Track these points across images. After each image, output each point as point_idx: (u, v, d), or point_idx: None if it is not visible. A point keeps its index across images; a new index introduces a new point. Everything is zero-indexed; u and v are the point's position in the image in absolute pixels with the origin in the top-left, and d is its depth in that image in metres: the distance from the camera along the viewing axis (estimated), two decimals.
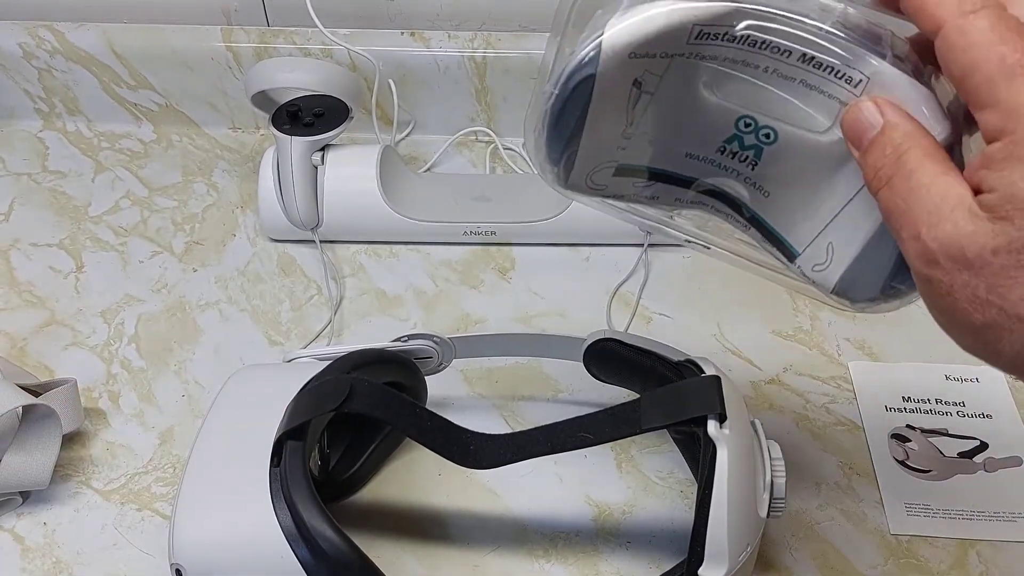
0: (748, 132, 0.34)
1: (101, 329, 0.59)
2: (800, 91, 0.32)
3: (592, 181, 0.37)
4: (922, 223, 0.27)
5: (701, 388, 0.41)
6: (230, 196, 0.70)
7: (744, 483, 0.40)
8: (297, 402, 0.43)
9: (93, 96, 0.74)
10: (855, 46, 0.30)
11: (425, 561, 0.47)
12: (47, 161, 0.73)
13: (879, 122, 0.30)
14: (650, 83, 0.33)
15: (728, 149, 0.35)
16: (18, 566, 0.47)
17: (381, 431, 0.50)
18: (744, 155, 0.35)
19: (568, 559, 0.47)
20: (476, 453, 0.43)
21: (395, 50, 0.70)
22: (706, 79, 0.33)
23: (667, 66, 0.32)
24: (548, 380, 0.56)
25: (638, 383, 0.49)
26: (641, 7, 0.31)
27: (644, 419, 0.41)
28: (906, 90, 0.30)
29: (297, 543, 0.39)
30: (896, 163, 0.29)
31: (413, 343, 0.49)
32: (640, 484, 0.50)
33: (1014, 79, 0.26)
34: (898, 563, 0.47)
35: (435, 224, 0.63)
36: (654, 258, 0.63)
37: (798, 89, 0.32)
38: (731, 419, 0.40)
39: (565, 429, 0.43)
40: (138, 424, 0.54)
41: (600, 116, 0.33)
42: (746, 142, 0.34)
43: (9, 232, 0.67)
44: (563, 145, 0.35)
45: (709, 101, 0.33)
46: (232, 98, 0.73)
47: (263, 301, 0.61)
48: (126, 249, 0.65)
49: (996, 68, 0.26)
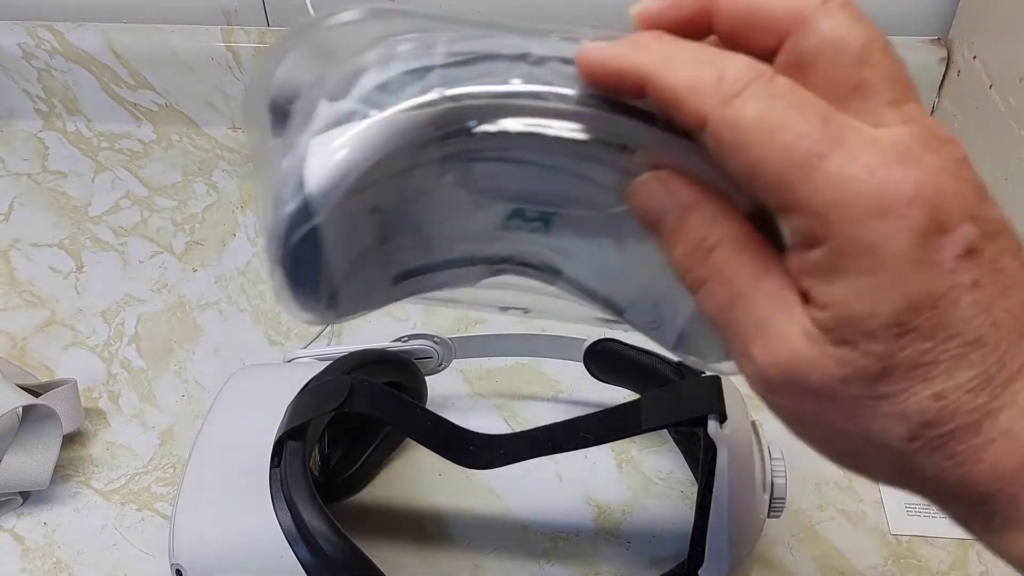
0: (520, 213, 0.27)
1: (101, 329, 0.59)
2: (570, 172, 0.25)
3: (370, 301, 0.30)
4: (752, 341, 0.22)
5: (701, 388, 0.41)
6: (230, 196, 0.69)
7: (744, 483, 0.40)
8: (297, 402, 0.43)
9: (93, 96, 0.74)
10: (617, 116, 0.23)
11: (425, 561, 0.47)
12: (47, 161, 0.73)
13: (670, 205, 0.23)
14: (389, 201, 0.26)
15: (511, 225, 0.28)
16: (18, 566, 0.47)
17: (381, 431, 0.50)
18: (532, 226, 0.28)
19: (568, 559, 0.47)
20: (476, 453, 0.43)
21: None
22: (453, 179, 0.26)
23: (403, 181, 0.25)
24: (548, 380, 0.56)
25: (638, 383, 0.49)
26: (341, 128, 0.24)
27: (644, 419, 0.41)
28: (687, 155, 0.23)
29: (297, 543, 0.39)
30: (706, 264, 0.23)
31: (413, 343, 0.49)
32: (640, 484, 0.50)
33: (810, 174, 0.20)
34: (898, 563, 0.47)
35: None
36: None
37: (567, 170, 0.25)
38: (731, 419, 0.40)
39: (565, 429, 0.43)
40: (138, 424, 0.54)
41: (345, 251, 0.26)
42: (528, 215, 0.28)
43: (9, 232, 0.67)
44: (316, 292, 0.27)
45: (466, 199, 0.27)
46: (232, 98, 0.73)
47: (263, 301, 0.61)
48: (126, 249, 0.65)
49: (783, 164, 0.20)
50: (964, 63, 0.66)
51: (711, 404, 0.40)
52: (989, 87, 0.62)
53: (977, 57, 0.64)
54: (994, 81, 0.61)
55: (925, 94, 0.70)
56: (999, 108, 0.60)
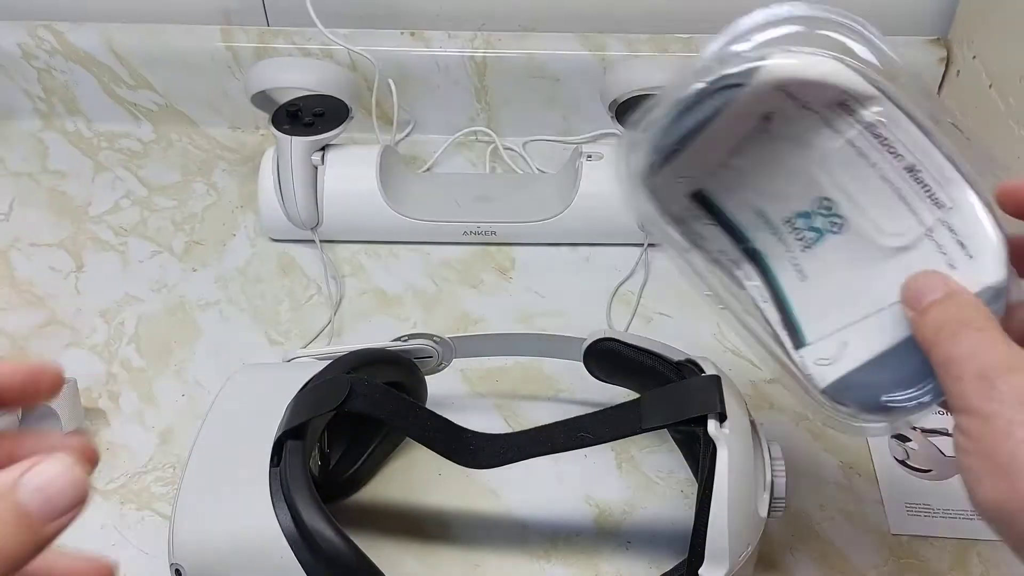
0: (821, 214, 0.36)
1: (101, 329, 0.59)
2: (888, 195, 0.34)
3: (670, 190, 0.37)
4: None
5: (701, 388, 0.41)
6: (230, 196, 0.69)
7: (744, 483, 0.40)
8: (297, 402, 0.43)
9: (93, 96, 0.74)
10: (956, 170, 0.32)
11: (425, 561, 0.47)
12: (47, 161, 0.73)
13: (942, 292, 0.31)
14: (777, 123, 0.34)
15: (795, 223, 0.36)
16: None
17: (381, 431, 0.50)
18: (804, 235, 0.36)
19: (568, 559, 0.47)
20: (476, 453, 0.43)
21: (395, 50, 0.70)
22: (817, 146, 0.35)
23: (798, 116, 0.34)
24: (548, 380, 0.56)
25: (638, 383, 0.49)
26: (806, 51, 0.33)
27: (644, 419, 0.41)
28: (982, 229, 0.32)
29: (297, 543, 0.39)
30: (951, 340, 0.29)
31: (413, 343, 0.49)
32: (640, 484, 0.50)
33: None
34: (898, 563, 0.47)
35: (435, 224, 0.63)
36: (654, 258, 0.63)
37: (888, 192, 0.34)
38: (731, 419, 0.40)
39: (565, 429, 0.43)
40: (138, 424, 0.54)
41: (720, 130, 0.34)
42: (814, 223, 0.36)
43: (9, 232, 0.67)
44: (676, 140, 0.35)
45: (809, 167, 0.35)
46: (232, 98, 0.73)
47: (263, 301, 0.61)
48: (126, 249, 0.65)
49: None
50: (964, 63, 0.66)
51: (711, 404, 0.40)
52: (989, 87, 0.62)
53: (977, 57, 0.64)
54: (994, 81, 0.61)
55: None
56: (999, 108, 0.60)
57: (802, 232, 0.36)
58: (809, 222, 0.36)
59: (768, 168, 0.36)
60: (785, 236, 0.37)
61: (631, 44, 0.70)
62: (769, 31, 0.33)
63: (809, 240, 0.36)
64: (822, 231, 0.36)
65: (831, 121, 0.34)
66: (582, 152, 0.63)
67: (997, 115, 0.60)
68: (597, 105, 0.63)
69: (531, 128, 0.74)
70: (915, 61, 0.69)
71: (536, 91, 0.71)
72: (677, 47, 0.70)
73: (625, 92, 0.61)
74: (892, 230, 0.34)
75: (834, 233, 0.35)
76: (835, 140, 0.34)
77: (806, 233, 0.36)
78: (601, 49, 0.69)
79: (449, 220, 0.63)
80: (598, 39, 0.70)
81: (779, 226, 0.37)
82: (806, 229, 0.36)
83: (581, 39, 0.70)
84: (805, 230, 0.36)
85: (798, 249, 0.36)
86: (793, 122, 0.34)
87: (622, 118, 0.62)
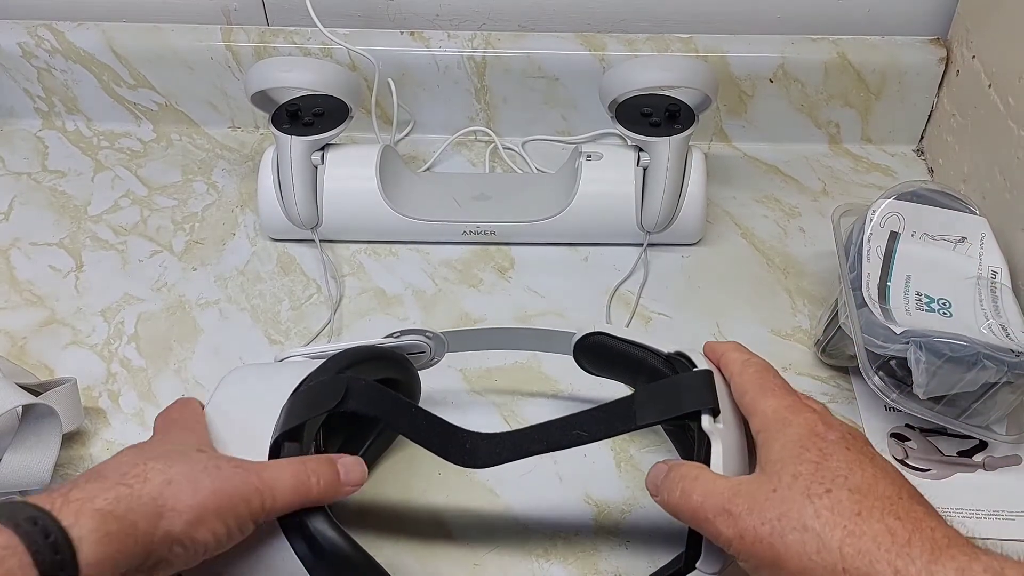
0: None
1: (101, 328, 0.59)
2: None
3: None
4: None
5: (694, 383, 0.41)
6: (230, 195, 0.70)
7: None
8: (293, 402, 0.43)
9: (93, 95, 0.74)
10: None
11: (425, 561, 0.47)
12: (47, 160, 0.73)
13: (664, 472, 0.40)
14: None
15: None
16: None
17: (375, 428, 0.50)
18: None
19: (567, 558, 0.47)
20: (472, 452, 0.43)
21: (395, 50, 0.70)
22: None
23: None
24: (547, 378, 0.56)
25: (629, 376, 0.49)
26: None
27: (639, 416, 0.41)
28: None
29: (297, 543, 0.39)
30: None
31: (405, 339, 0.49)
32: (639, 483, 0.50)
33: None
34: None
35: (435, 224, 0.63)
36: (653, 258, 0.63)
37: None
38: (724, 413, 0.40)
39: (560, 427, 0.42)
40: (138, 423, 0.54)
41: None
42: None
43: (9, 232, 0.67)
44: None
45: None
46: (232, 98, 0.74)
47: (263, 300, 0.61)
48: (126, 248, 0.65)
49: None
50: (963, 63, 0.66)
51: (704, 399, 0.40)
52: (988, 87, 0.62)
53: (976, 57, 0.64)
54: (993, 81, 0.61)
55: (925, 94, 0.70)
56: (999, 108, 0.60)
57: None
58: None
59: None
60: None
61: (631, 44, 0.70)
62: None
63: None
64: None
65: None
66: (581, 152, 0.63)
67: (997, 115, 0.60)
68: (596, 105, 0.63)
69: (530, 128, 0.74)
70: (915, 61, 0.69)
71: (536, 91, 0.71)
72: (677, 47, 0.70)
73: (624, 92, 0.61)
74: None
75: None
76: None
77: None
78: (600, 49, 0.70)
79: (449, 220, 0.64)
80: (597, 39, 0.70)
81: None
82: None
83: (580, 39, 0.70)
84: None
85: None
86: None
87: (621, 118, 0.62)
